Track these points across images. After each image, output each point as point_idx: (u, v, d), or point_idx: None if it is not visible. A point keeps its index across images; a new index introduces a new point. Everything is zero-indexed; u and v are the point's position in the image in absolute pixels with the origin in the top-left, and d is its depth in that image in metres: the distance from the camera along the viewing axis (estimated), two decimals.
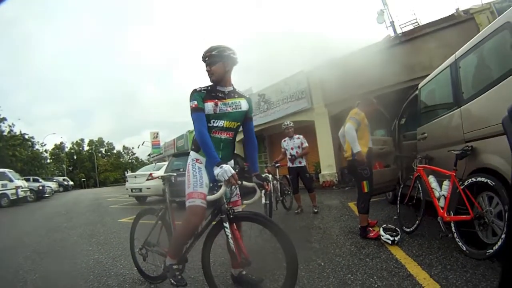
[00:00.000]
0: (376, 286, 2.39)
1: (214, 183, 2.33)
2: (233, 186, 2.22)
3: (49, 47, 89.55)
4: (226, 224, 2.16)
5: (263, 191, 2.40)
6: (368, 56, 8.87)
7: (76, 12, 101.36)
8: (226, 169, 2.05)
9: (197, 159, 2.36)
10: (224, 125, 2.32)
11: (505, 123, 1.53)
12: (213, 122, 2.30)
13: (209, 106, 2.27)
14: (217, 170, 2.07)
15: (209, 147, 2.16)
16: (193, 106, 2.24)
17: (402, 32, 10.17)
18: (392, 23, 13.58)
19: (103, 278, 3.12)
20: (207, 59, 2.33)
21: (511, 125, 1.48)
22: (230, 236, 2.13)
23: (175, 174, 3.09)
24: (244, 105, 2.40)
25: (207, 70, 2.34)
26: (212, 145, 2.19)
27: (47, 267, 3.74)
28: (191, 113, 2.26)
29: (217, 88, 2.34)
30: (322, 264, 2.94)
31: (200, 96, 2.27)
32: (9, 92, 71.75)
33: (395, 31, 13.14)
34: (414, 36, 8.93)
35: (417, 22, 12.75)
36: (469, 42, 3.13)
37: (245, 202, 2.54)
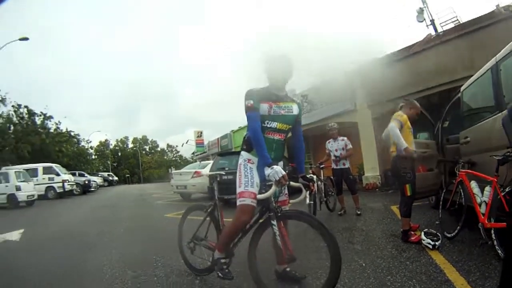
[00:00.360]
0: None
1: (263, 182, 2.38)
2: (283, 187, 2.32)
3: (96, 48, 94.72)
4: (274, 222, 2.23)
5: (308, 191, 2.50)
6: (409, 56, 8.62)
7: (129, 11, 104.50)
8: (277, 170, 2.13)
9: (249, 160, 2.44)
10: (277, 127, 2.40)
11: (505, 122, 1.57)
12: (267, 123, 2.37)
13: (264, 107, 2.34)
14: (268, 171, 2.17)
15: (262, 147, 2.25)
16: (249, 105, 2.30)
17: (443, 31, 9.82)
18: (432, 21, 13.13)
19: (150, 268, 3.28)
20: (266, 63, 2.44)
21: (511, 124, 1.52)
22: (277, 233, 2.21)
23: (223, 172, 3.21)
24: (295, 110, 2.49)
25: (266, 74, 2.45)
26: (265, 145, 2.26)
27: (96, 256, 3.94)
28: (246, 112, 2.33)
29: (271, 91, 2.43)
30: (363, 265, 3.00)
31: (256, 96, 2.34)
32: (56, 91, 75.89)
33: (435, 29, 12.69)
34: (455, 36, 8.52)
35: (457, 20, 12.25)
36: (510, 43, 3.05)
37: (290, 201, 2.63)
